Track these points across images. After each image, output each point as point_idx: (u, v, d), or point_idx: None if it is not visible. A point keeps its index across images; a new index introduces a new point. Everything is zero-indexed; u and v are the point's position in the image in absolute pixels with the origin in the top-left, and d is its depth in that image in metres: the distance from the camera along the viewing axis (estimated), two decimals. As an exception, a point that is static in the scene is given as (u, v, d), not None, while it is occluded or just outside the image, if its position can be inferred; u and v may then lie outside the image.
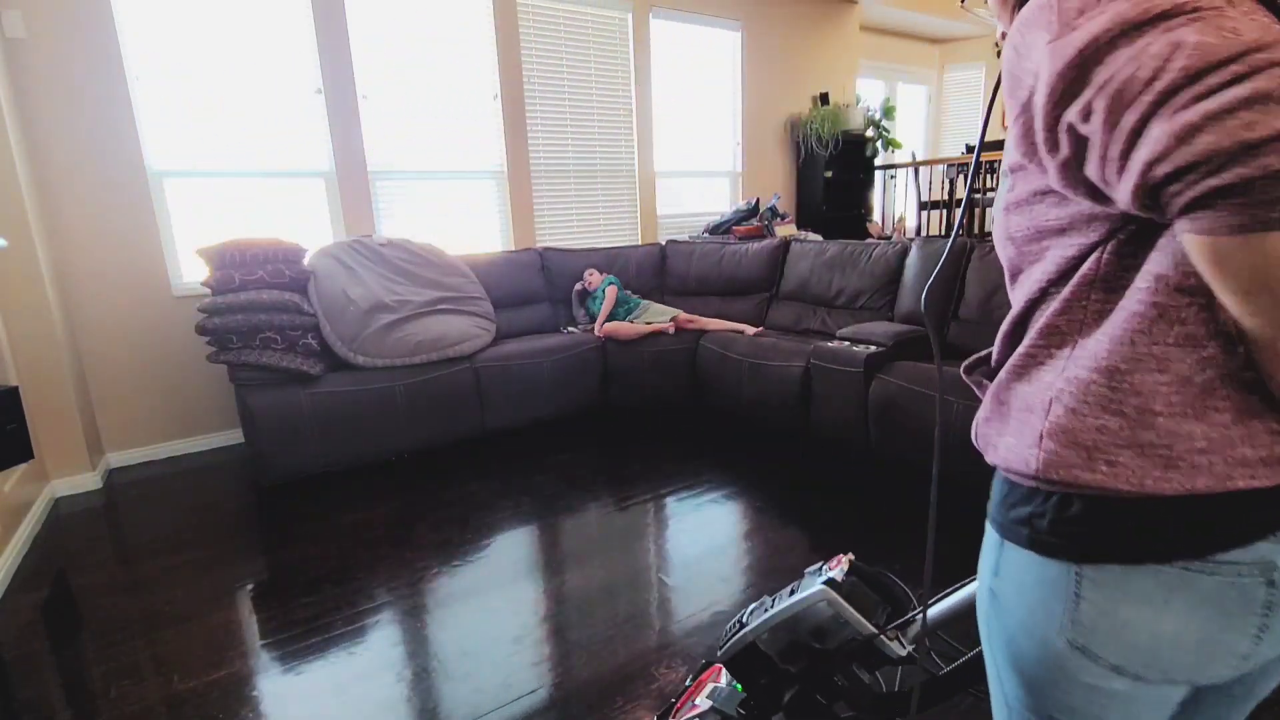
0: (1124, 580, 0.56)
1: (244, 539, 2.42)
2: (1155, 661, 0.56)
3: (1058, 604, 0.59)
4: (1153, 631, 0.55)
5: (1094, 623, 0.57)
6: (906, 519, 2.34)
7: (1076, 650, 0.59)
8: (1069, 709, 0.62)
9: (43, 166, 2.87)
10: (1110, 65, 0.45)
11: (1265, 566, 0.53)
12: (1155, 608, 0.55)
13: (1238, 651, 0.55)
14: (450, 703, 1.56)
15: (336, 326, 2.98)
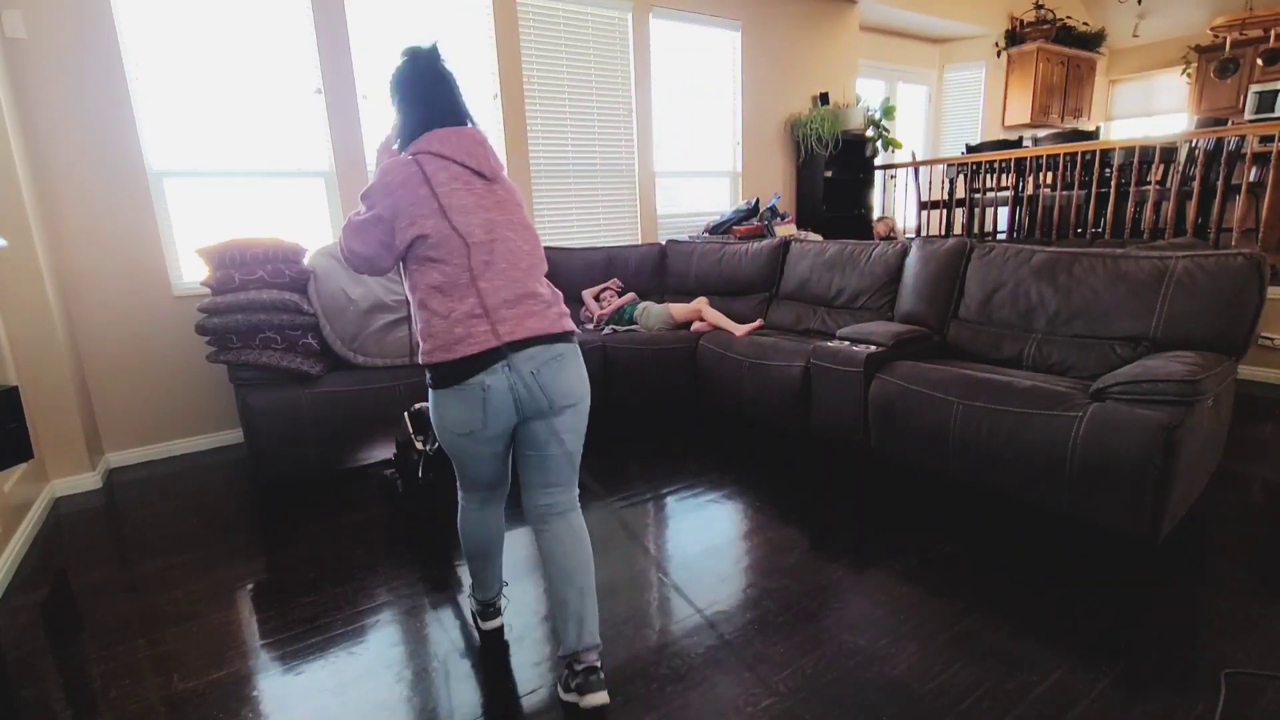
0: (445, 396, 1.43)
1: (244, 539, 2.42)
2: (456, 424, 1.45)
3: (437, 408, 1.47)
4: (454, 414, 1.44)
5: (440, 413, 1.46)
6: (906, 518, 2.34)
7: (440, 426, 1.48)
8: (452, 448, 1.53)
9: (43, 166, 2.87)
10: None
11: (481, 385, 1.40)
12: (453, 405, 1.43)
13: (478, 418, 1.43)
14: (450, 703, 1.56)
15: (336, 326, 2.97)
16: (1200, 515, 2.26)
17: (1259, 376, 3.76)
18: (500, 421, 1.44)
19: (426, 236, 1.39)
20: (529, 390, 1.42)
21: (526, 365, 1.40)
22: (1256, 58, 6.69)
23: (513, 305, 1.41)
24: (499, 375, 1.38)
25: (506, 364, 1.38)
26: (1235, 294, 2.27)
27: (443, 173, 1.42)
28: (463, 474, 1.62)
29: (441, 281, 1.40)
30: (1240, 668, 1.55)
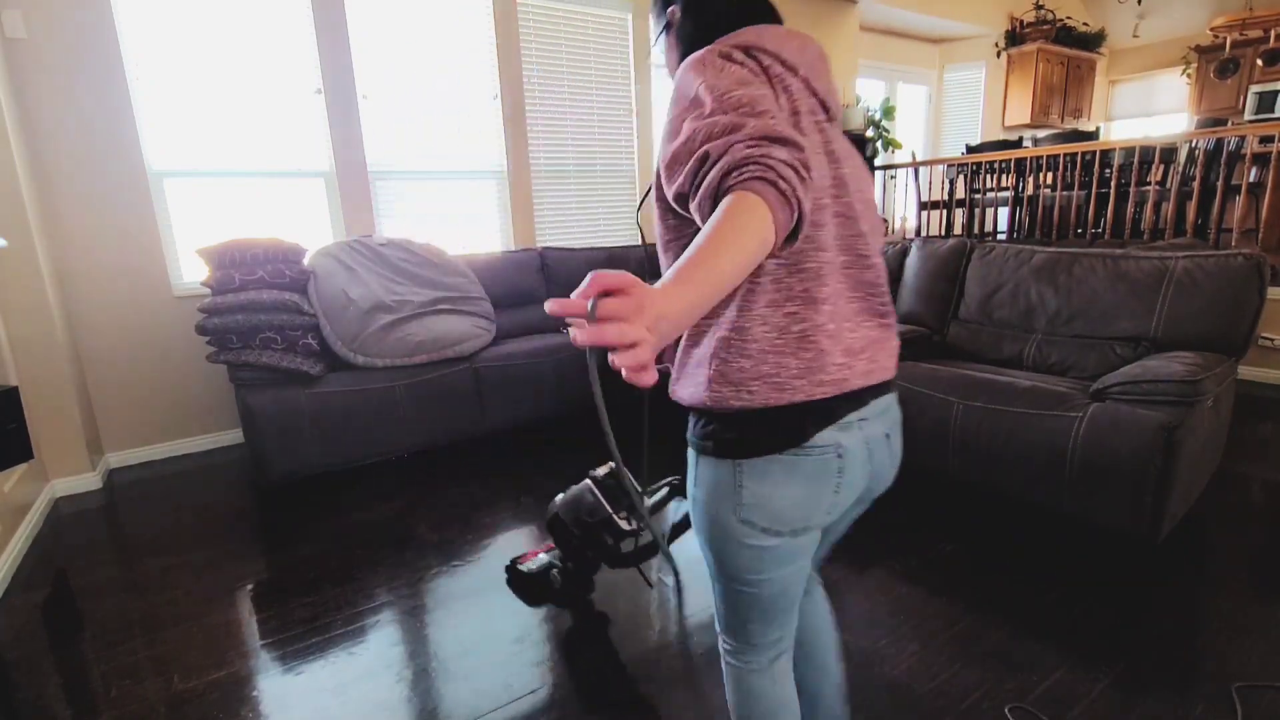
0: (764, 468, 0.84)
1: (244, 539, 2.42)
2: (785, 519, 0.86)
3: (732, 494, 0.86)
4: (782, 499, 0.85)
5: (751, 501, 0.86)
6: (906, 518, 2.34)
7: (743, 523, 0.87)
8: (743, 566, 0.90)
9: (43, 167, 2.87)
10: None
11: (835, 447, 0.85)
12: (782, 483, 0.85)
13: (825, 503, 0.88)
14: (450, 703, 1.56)
15: (336, 326, 2.98)
16: (1200, 515, 2.26)
17: (1259, 376, 3.76)
18: (844, 505, 0.92)
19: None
20: (884, 462, 0.94)
21: (881, 423, 0.92)
22: (1256, 58, 6.69)
23: (864, 323, 0.89)
24: (854, 433, 0.87)
25: (860, 423, 0.88)
26: (1235, 294, 2.27)
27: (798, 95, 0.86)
28: (753, 608, 0.95)
29: (780, 272, 0.83)
30: (1242, 669, 1.55)
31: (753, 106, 0.74)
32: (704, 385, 0.85)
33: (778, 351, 0.82)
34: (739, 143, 0.70)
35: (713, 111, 0.74)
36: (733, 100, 0.75)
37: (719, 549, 0.91)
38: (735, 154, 0.69)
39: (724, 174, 0.69)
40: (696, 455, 0.91)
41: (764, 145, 0.69)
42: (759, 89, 0.78)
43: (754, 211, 0.66)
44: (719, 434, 0.87)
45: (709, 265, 0.62)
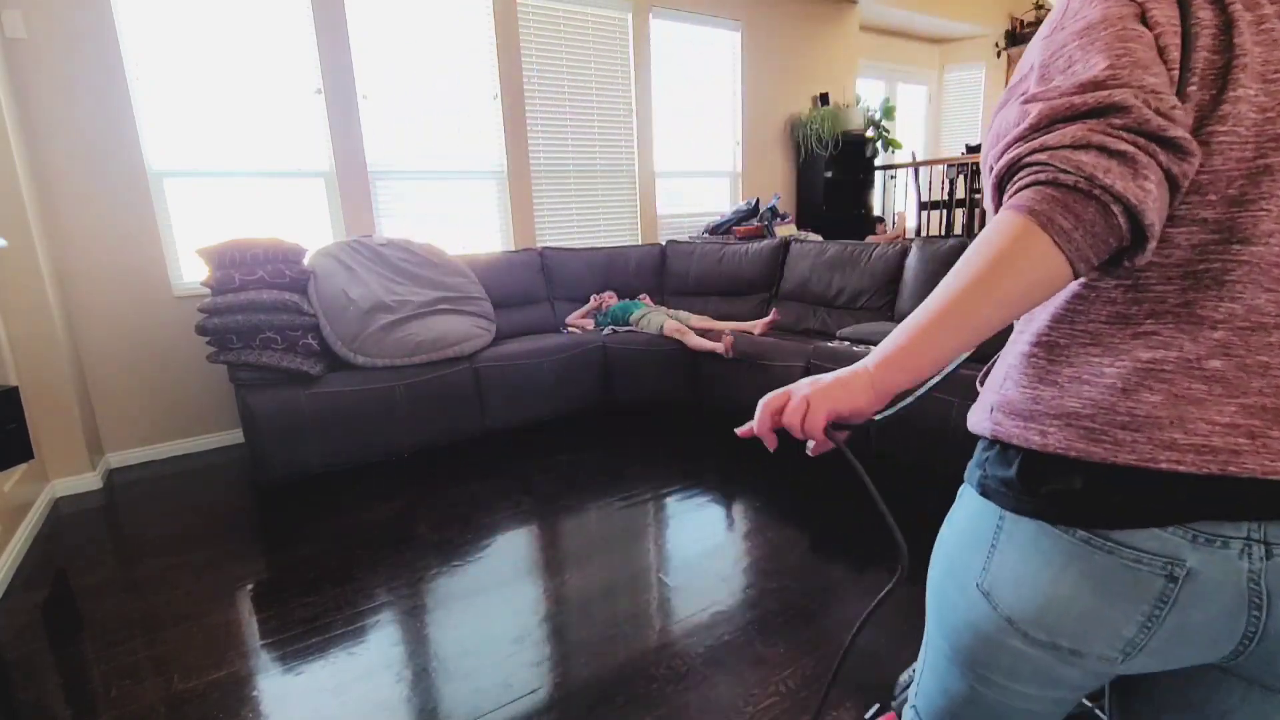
0: (1034, 537, 0.59)
1: (244, 539, 2.42)
2: (1041, 621, 0.59)
3: (981, 549, 0.65)
4: (1045, 591, 0.59)
5: (1000, 571, 0.62)
6: (906, 518, 2.34)
7: (983, 595, 0.64)
8: (975, 657, 0.66)
9: (43, 166, 2.87)
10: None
11: (1170, 561, 0.53)
12: (1052, 570, 0.58)
13: (1122, 634, 0.57)
14: (450, 703, 1.56)
15: (336, 326, 2.98)
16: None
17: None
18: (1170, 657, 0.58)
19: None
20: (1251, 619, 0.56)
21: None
22: (1257, 58, 6.68)
23: None
24: (1219, 554, 0.53)
25: (1259, 535, 0.52)
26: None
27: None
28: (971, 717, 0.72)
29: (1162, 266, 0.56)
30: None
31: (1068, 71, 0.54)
32: (987, 411, 0.66)
33: (1106, 385, 0.55)
34: (1014, 142, 0.55)
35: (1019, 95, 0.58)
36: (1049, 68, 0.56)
37: (948, 621, 0.70)
38: (1003, 161, 0.55)
39: (997, 190, 0.57)
40: (965, 486, 0.74)
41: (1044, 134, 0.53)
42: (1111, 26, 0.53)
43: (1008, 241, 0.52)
44: (993, 466, 0.64)
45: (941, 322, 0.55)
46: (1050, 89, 0.54)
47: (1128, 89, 0.50)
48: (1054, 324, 0.62)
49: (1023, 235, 0.51)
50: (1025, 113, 0.55)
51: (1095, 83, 0.51)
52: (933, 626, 0.75)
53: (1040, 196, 0.51)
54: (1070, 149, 0.50)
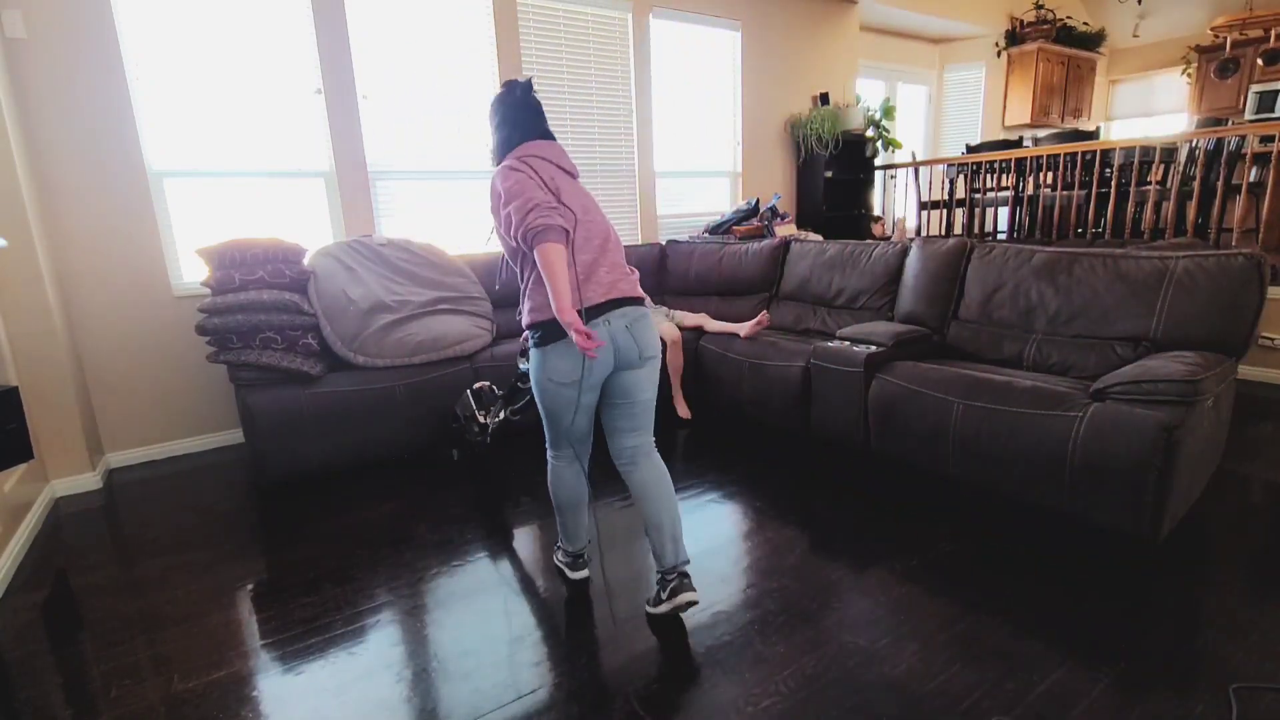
0: (554, 350, 1.68)
1: (244, 539, 2.42)
2: (562, 375, 1.69)
3: (542, 365, 1.71)
4: (560, 366, 1.68)
5: (547, 367, 1.70)
6: (906, 518, 2.34)
7: (549, 379, 1.72)
8: (552, 401, 1.76)
9: (43, 166, 2.87)
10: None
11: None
12: (561, 357, 1.68)
13: (581, 368, 1.67)
14: (450, 703, 1.56)
15: (336, 326, 2.98)
16: (1200, 515, 2.26)
17: (1259, 376, 3.76)
18: (600, 370, 1.70)
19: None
20: (625, 341, 1.70)
21: (621, 320, 1.69)
22: (1257, 58, 6.69)
23: (602, 271, 1.70)
24: (600, 328, 1.64)
25: (606, 320, 1.66)
26: (1235, 294, 2.27)
27: (546, 170, 1.72)
28: (557, 430, 1.81)
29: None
30: (1242, 669, 1.55)
31: (530, 194, 1.61)
32: (527, 315, 1.72)
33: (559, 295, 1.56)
34: (526, 212, 1.58)
35: (511, 200, 1.62)
36: (517, 193, 1.62)
37: (540, 395, 1.77)
38: (530, 222, 1.57)
39: (523, 232, 1.58)
40: (532, 348, 1.74)
41: (534, 213, 1.57)
42: (528, 181, 1.65)
43: (551, 251, 1.56)
44: (535, 336, 1.71)
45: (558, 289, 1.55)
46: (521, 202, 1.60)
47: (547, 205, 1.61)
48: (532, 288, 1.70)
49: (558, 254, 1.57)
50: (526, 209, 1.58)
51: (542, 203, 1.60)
52: (540, 405, 1.81)
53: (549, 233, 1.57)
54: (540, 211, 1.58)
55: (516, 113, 1.79)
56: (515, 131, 1.77)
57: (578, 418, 1.77)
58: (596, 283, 1.67)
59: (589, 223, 1.72)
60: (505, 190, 1.64)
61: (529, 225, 1.55)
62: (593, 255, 1.70)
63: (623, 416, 1.80)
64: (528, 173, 1.66)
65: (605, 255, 1.72)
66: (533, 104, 1.81)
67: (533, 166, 1.68)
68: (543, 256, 1.55)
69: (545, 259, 1.54)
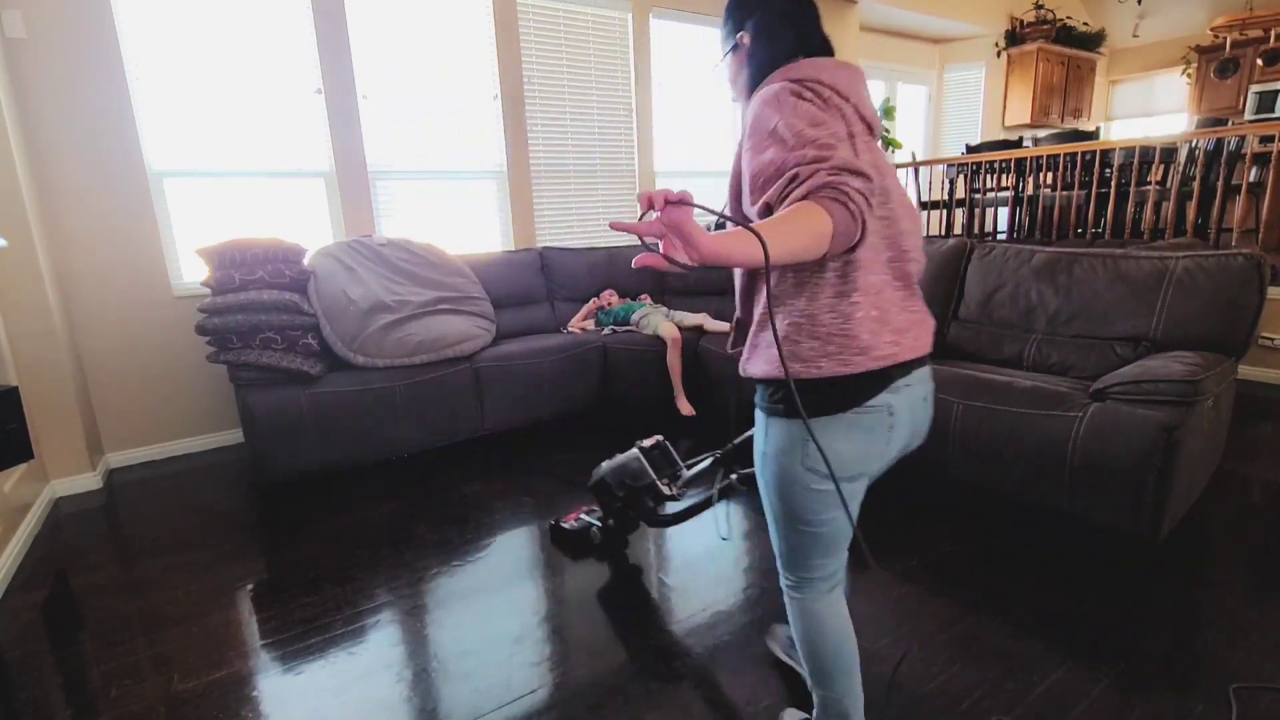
0: (829, 425, 1.04)
1: (244, 539, 2.42)
2: (846, 466, 1.06)
3: (798, 448, 1.07)
4: (843, 450, 1.04)
5: (815, 453, 1.04)
6: (906, 517, 2.34)
7: (810, 470, 1.07)
8: (806, 508, 1.11)
9: (43, 166, 2.87)
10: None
11: (887, 407, 1.05)
12: (844, 437, 1.04)
13: (879, 452, 1.08)
14: (450, 703, 1.56)
15: (336, 326, 2.98)
16: (1200, 515, 2.26)
17: (1259, 376, 3.76)
18: (893, 455, 1.12)
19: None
20: (921, 418, 1.16)
21: (921, 390, 1.13)
22: (1256, 58, 6.69)
23: (908, 307, 1.09)
24: (901, 396, 1.07)
25: (908, 384, 1.09)
26: (1235, 294, 2.27)
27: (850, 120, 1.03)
28: (812, 545, 1.16)
29: (845, 268, 1.01)
30: (1242, 669, 1.55)
31: (831, 142, 0.93)
32: (776, 364, 1.05)
33: (843, 334, 1.01)
34: (824, 169, 0.90)
35: (795, 146, 0.94)
36: (810, 137, 0.94)
37: (786, 496, 1.12)
38: (819, 179, 0.88)
39: (809, 192, 0.88)
40: (766, 418, 1.12)
41: (844, 175, 0.89)
42: (832, 125, 0.97)
43: (816, 217, 0.86)
44: (789, 398, 1.05)
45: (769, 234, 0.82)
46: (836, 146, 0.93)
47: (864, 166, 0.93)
48: (807, 303, 1.03)
49: (822, 221, 0.85)
50: (824, 156, 0.91)
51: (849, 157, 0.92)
52: (779, 512, 1.16)
53: (838, 209, 0.87)
54: (857, 192, 0.88)
55: (791, 8, 1.11)
56: (787, 31, 1.09)
57: (838, 520, 1.13)
58: (896, 327, 1.04)
59: (894, 226, 1.06)
60: (785, 123, 0.96)
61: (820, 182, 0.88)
62: (892, 275, 1.06)
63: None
64: (821, 108, 0.99)
65: (908, 275, 1.09)
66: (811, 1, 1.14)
67: (828, 102, 1.00)
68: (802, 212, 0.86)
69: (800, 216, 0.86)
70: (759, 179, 0.98)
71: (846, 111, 1.02)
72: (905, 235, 1.07)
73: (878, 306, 1.02)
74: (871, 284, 1.02)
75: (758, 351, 1.10)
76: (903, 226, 1.07)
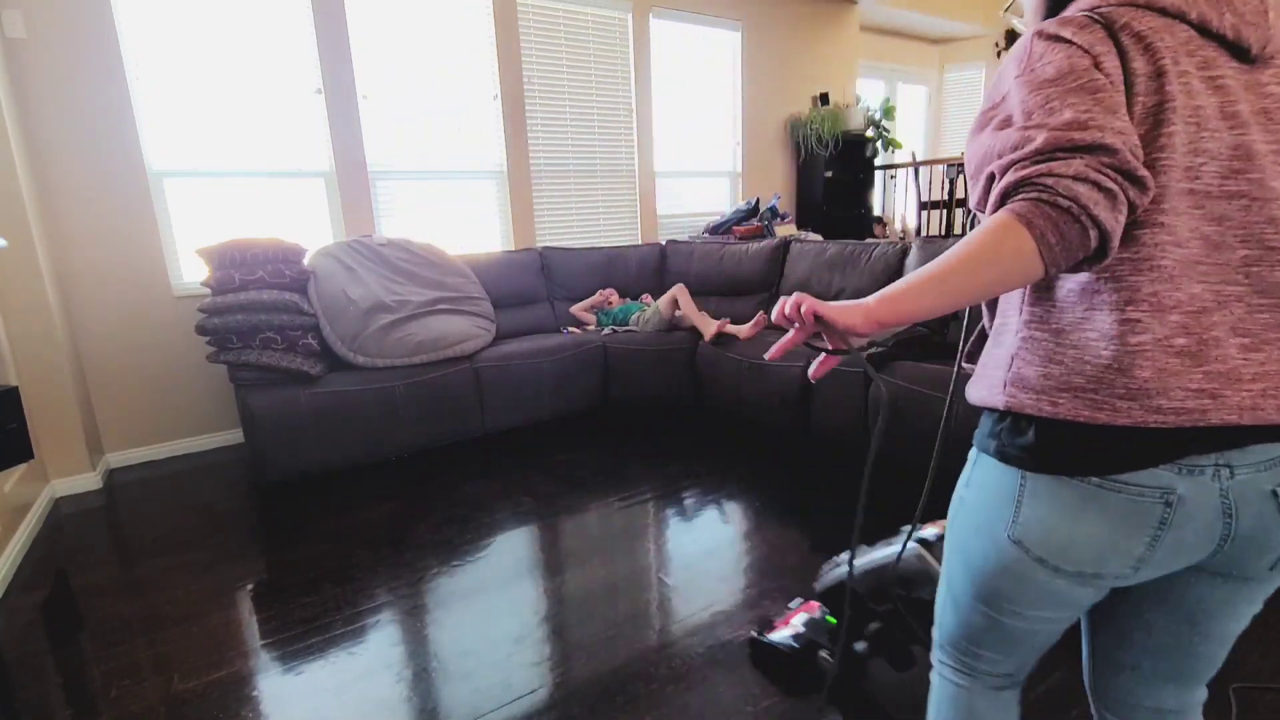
0: (1054, 489, 0.72)
1: (244, 539, 2.42)
2: (1068, 556, 0.73)
3: (1007, 506, 0.77)
4: (1070, 531, 0.72)
5: (1028, 522, 0.75)
6: (907, 519, 2.34)
7: (1014, 543, 0.76)
8: (1002, 595, 0.81)
9: (43, 166, 2.87)
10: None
11: (1165, 491, 0.68)
12: (1074, 514, 0.72)
13: (1133, 554, 0.71)
14: (450, 703, 1.56)
15: (336, 326, 2.98)
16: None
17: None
18: (1167, 565, 0.73)
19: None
20: (1270, 524, 0.71)
21: (1269, 477, 0.69)
22: (1257, 58, 6.68)
23: (1268, 338, 0.68)
24: (1205, 481, 0.68)
25: (1226, 463, 0.68)
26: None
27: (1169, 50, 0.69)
28: (997, 639, 0.88)
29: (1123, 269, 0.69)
30: (1242, 669, 1.55)
31: (1054, 111, 0.66)
32: (999, 388, 0.76)
33: (1104, 365, 0.68)
34: (1021, 161, 0.66)
35: (1008, 123, 0.70)
36: (1033, 106, 0.68)
37: (975, 567, 0.83)
38: (1012, 177, 0.65)
39: (1001, 198, 0.67)
40: (978, 453, 0.84)
41: (1050, 161, 0.64)
42: (1080, 78, 0.67)
43: (1001, 238, 0.64)
44: (1009, 435, 0.75)
45: (932, 282, 0.67)
46: (1050, 122, 0.66)
47: (1109, 131, 0.64)
48: (1052, 310, 0.74)
49: (1016, 238, 0.63)
50: (1028, 138, 0.66)
51: (1080, 123, 0.64)
52: (956, 574, 0.88)
53: (1039, 212, 0.63)
54: (1071, 179, 0.62)
55: None
56: None
57: (1047, 637, 0.90)
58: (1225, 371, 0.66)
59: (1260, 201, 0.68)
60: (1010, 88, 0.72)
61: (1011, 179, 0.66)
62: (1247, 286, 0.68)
63: (1170, 655, 0.91)
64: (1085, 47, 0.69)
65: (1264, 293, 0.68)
66: None
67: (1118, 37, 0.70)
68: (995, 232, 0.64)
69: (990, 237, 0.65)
70: (972, 176, 0.75)
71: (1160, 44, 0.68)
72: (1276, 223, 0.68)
73: (1189, 332, 0.66)
74: (1180, 298, 0.66)
75: (985, 371, 0.82)
76: (1274, 210, 0.67)
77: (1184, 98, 0.68)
